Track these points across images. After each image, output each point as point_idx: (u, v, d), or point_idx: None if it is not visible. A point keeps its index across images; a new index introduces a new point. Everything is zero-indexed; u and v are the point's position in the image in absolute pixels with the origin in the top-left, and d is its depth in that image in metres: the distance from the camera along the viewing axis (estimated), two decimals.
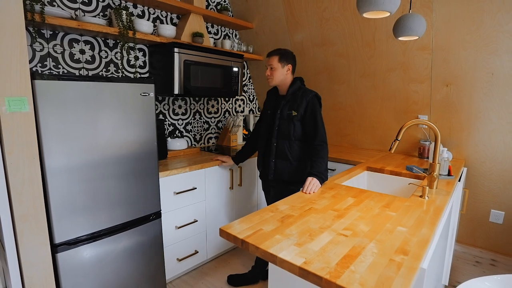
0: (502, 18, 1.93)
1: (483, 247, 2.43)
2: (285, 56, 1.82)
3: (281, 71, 1.82)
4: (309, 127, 1.78)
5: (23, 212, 1.30)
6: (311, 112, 1.77)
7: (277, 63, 1.80)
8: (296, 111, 1.79)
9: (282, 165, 1.87)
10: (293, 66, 1.85)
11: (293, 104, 1.81)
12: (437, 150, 1.50)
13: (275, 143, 1.87)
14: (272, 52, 1.85)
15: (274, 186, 1.96)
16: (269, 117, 1.94)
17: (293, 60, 1.86)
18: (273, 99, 1.96)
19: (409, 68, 2.39)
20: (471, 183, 2.38)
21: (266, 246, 0.96)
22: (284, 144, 1.84)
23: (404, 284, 0.77)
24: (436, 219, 1.20)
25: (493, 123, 2.18)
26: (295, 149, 1.84)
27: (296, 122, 1.80)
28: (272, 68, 1.82)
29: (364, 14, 1.37)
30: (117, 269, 1.68)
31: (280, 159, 1.86)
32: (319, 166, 1.64)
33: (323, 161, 1.68)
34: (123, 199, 1.66)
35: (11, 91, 1.22)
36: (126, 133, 1.63)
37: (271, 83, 1.86)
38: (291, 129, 1.81)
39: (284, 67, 1.82)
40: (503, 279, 1.23)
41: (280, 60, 1.81)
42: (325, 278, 0.80)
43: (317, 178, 1.58)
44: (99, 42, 2.11)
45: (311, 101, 1.78)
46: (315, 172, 1.60)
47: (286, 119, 1.82)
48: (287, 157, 1.85)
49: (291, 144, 1.83)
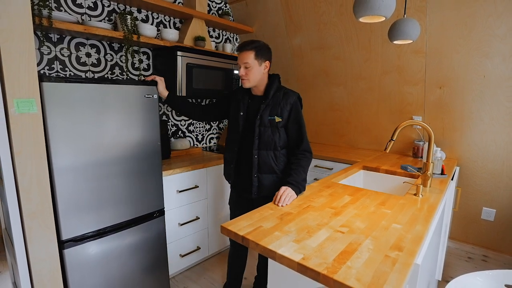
0: (493, 23, 1.93)
1: (475, 244, 2.43)
2: (261, 51, 1.46)
3: (258, 69, 1.46)
4: (293, 134, 1.52)
5: (31, 210, 1.30)
6: (295, 117, 1.50)
7: (253, 60, 1.44)
8: (279, 117, 1.48)
9: (268, 180, 1.54)
10: (270, 62, 1.52)
11: (275, 108, 1.49)
12: (431, 150, 1.50)
13: (256, 155, 1.53)
14: (245, 45, 1.44)
15: (255, 205, 1.43)
16: (241, 120, 1.57)
17: (270, 54, 1.51)
18: (245, 99, 1.59)
19: (404, 71, 2.39)
20: (464, 182, 2.38)
21: (266, 243, 0.96)
22: (268, 156, 1.52)
23: (398, 279, 0.77)
24: (430, 216, 1.20)
25: (485, 123, 2.18)
26: (282, 160, 1.54)
27: (281, 128, 1.51)
28: (247, 66, 1.45)
29: (360, 19, 1.37)
30: (122, 265, 1.68)
31: (265, 173, 1.54)
32: (297, 175, 1.41)
33: (303, 171, 1.45)
34: (127, 197, 1.66)
35: (19, 93, 1.22)
36: (130, 133, 1.63)
37: (246, 84, 1.49)
38: (276, 138, 1.50)
39: (261, 64, 1.47)
40: (494, 274, 1.23)
41: (257, 56, 1.44)
42: (322, 274, 0.80)
43: (293, 187, 1.35)
44: (104, 45, 2.11)
45: (295, 105, 1.50)
46: (292, 181, 1.37)
47: (268, 126, 1.50)
48: (273, 170, 1.53)
49: (276, 154, 1.52)
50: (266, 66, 1.50)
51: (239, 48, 1.47)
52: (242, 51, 1.46)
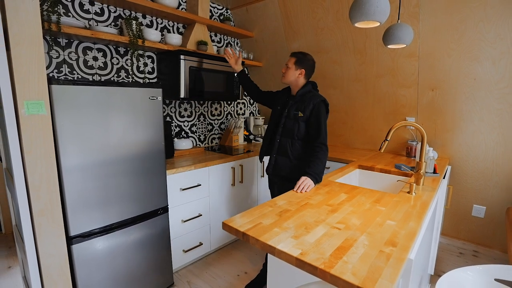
0: (483, 28, 1.93)
1: (466, 239, 2.43)
2: (301, 61, 1.76)
3: (293, 72, 1.76)
4: (312, 129, 1.71)
5: (40, 207, 1.30)
6: (316, 115, 1.70)
7: (292, 64, 1.76)
8: (302, 112, 1.73)
9: (282, 161, 1.80)
10: (306, 71, 1.77)
11: (300, 105, 1.75)
12: (424, 150, 1.50)
13: (278, 139, 1.81)
14: (294, 53, 1.81)
15: (276, 182, 1.91)
16: (276, 113, 1.87)
17: (310, 66, 1.78)
18: (284, 97, 1.89)
19: (398, 74, 2.38)
20: (455, 180, 2.38)
21: (265, 239, 0.96)
22: (286, 142, 1.78)
23: (393, 274, 0.77)
24: (423, 213, 1.20)
25: (475, 124, 2.18)
26: (296, 148, 1.77)
27: (301, 122, 1.74)
28: (287, 67, 1.78)
29: (356, 24, 1.37)
30: (128, 260, 1.68)
31: (281, 155, 1.80)
32: (315, 167, 1.57)
33: (320, 162, 1.61)
34: (133, 195, 1.66)
35: (29, 95, 1.22)
36: (135, 134, 1.63)
37: (283, 80, 1.82)
38: (295, 128, 1.75)
39: (297, 69, 1.76)
40: (484, 269, 1.23)
41: (296, 62, 1.76)
42: (320, 268, 0.80)
43: (311, 178, 1.51)
44: (111, 49, 2.11)
45: (317, 105, 1.71)
46: (310, 172, 1.54)
47: (292, 119, 1.76)
48: (287, 154, 1.78)
49: (293, 142, 1.77)
50: (301, 73, 1.77)
51: (291, 54, 1.81)
52: (290, 56, 1.80)
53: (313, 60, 1.80)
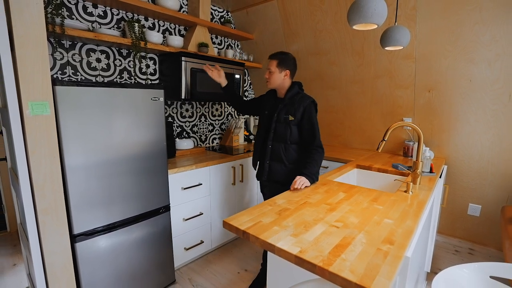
0: (479, 30, 1.93)
1: (461, 238, 2.43)
2: (283, 62, 1.67)
3: (279, 75, 1.67)
4: (306, 132, 1.66)
5: (45, 206, 1.30)
6: (308, 118, 1.64)
7: (275, 67, 1.67)
8: (293, 116, 1.66)
9: (276, 167, 1.73)
10: (291, 71, 1.69)
11: (290, 108, 1.67)
12: (420, 150, 1.50)
13: (270, 145, 1.73)
14: (273, 55, 1.70)
15: (267, 186, 1.83)
16: (265, 118, 1.78)
17: (293, 65, 1.70)
18: (271, 100, 1.80)
19: (395, 75, 2.39)
20: (451, 180, 2.38)
21: (265, 237, 0.96)
22: (279, 147, 1.70)
23: (390, 271, 0.77)
24: (419, 212, 1.20)
25: (471, 125, 2.18)
26: (290, 152, 1.70)
27: (293, 126, 1.67)
28: (270, 71, 1.68)
29: (354, 26, 1.37)
30: (130, 258, 1.68)
31: (275, 161, 1.73)
32: (311, 167, 1.55)
33: (316, 164, 1.58)
34: (135, 194, 1.66)
35: (34, 96, 1.22)
36: (138, 134, 1.63)
37: (269, 86, 1.73)
38: (287, 133, 1.67)
39: (281, 72, 1.67)
40: (479, 267, 1.23)
41: (279, 65, 1.66)
42: (318, 266, 0.80)
43: (308, 177, 1.50)
44: (113, 51, 2.11)
45: (308, 107, 1.65)
46: (307, 172, 1.52)
47: (282, 123, 1.68)
48: (281, 159, 1.71)
49: (286, 147, 1.69)
50: (286, 74, 1.69)
51: (269, 57, 1.71)
52: (269, 59, 1.71)
53: (294, 58, 1.72)
